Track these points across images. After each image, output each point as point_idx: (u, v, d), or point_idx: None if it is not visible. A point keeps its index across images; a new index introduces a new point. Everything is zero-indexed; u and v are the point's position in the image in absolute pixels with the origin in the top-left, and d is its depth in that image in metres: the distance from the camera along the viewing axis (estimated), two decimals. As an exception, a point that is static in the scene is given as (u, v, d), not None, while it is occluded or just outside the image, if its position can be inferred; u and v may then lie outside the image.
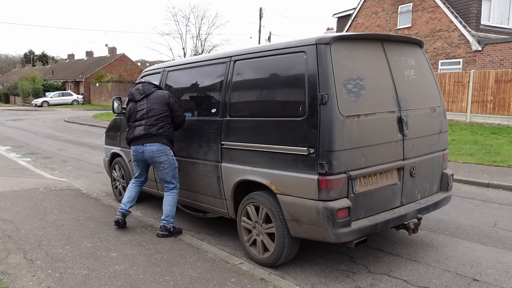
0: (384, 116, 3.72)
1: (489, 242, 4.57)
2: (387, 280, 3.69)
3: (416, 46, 4.32)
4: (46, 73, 55.27)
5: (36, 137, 15.42)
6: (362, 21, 22.53)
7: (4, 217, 5.29)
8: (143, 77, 5.81)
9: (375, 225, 3.58)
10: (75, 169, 9.15)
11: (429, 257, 4.17)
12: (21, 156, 11.06)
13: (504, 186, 6.91)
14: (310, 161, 3.41)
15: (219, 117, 4.27)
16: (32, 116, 27.44)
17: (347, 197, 3.44)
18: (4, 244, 4.34)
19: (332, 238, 3.40)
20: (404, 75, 4.01)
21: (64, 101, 42.78)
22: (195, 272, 3.72)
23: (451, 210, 5.69)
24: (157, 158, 4.56)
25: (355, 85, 3.55)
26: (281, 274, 3.83)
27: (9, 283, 3.48)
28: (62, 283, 3.50)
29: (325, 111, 3.32)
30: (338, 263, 4.06)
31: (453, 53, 17.81)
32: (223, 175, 4.24)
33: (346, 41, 3.62)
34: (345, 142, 3.38)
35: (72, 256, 4.06)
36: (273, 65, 3.84)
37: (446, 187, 4.43)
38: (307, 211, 3.46)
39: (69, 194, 6.56)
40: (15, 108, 40.01)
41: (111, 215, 5.40)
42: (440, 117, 4.36)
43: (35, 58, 72.05)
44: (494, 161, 8.70)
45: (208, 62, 4.67)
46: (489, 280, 3.68)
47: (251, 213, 4.02)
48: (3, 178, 7.80)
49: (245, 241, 4.17)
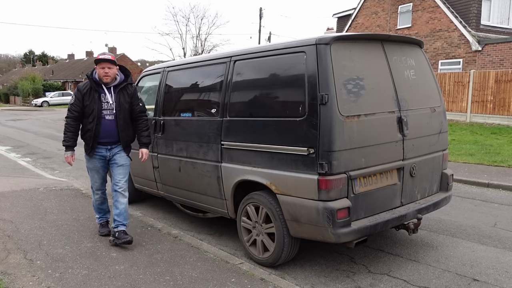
0: (384, 116, 3.72)
1: (489, 242, 4.57)
2: (387, 280, 3.69)
3: (416, 46, 4.32)
4: (46, 73, 55.30)
5: (36, 137, 15.42)
6: (362, 21, 22.52)
7: (4, 217, 5.29)
8: (143, 77, 5.81)
9: (375, 225, 3.58)
10: (75, 169, 9.13)
11: (429, 257, 4.17)
12: (21, 156, 11.06)
13: (504, 186, 6.91)
14: (310, 161, 3.41)
15: (219, 117, 4.27)
16: (32, 116, 27.44)
17: (347, 197, 3.44)
18: (4, 244, 4.34)
19: (332, 238, 3.40)
20: (404, 75, 4.01)
21: (64, 101, 42.72)
22: (195, 272, 3.72)
23: (451, 210, 5.69)
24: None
25: (355, 85, 3.55)
26: (281, 274, 3.83)
27: (9, 283, 3.48)
28: (62, 283, 3.50)
29: (325, 111, 3.32)
30: (338, 263, 4.06)
31: (453, 53, 17.81)
32: (223, 175, 4.24)
33: (346, 41, 3.63)
34: (345, 142, 3.38)
35: (72, 256, 4.06)
36: (273, 65, 3.84)
37: (446, 187, 4.43)
38: (307, 211, 3.46)
39: (69, 194, 6.56)
40: (15, 108, 40.01)
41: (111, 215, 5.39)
42: (440, 117, 4.36)
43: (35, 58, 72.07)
44: (494, 161, 8.70)
45: (208, 62, 4.67)
46: (489, 280, 3.68)
47: (251, 213, 4.02)
48: (3, 178, 7.80)
49: (245, 241, 4.17)
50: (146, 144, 4.51)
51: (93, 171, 4.48)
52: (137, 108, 4.42)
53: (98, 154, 4.35)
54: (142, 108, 4.49)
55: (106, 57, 4.24)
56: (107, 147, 4.35)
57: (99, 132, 4.24)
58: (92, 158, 4.38)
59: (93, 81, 4.27)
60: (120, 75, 4.39)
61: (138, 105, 4.43)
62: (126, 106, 4.33)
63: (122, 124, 4.32)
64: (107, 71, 4.21)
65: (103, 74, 4.21)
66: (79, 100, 4.27)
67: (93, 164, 4.42)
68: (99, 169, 4.45)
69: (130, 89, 4.41)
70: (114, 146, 4.36)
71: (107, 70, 4.21)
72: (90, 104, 4.22)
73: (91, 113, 4.22)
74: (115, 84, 4.32)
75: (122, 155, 4.41)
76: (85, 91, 4.26)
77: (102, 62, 4.23)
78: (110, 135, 4.30)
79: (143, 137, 4.48)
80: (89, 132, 4.26)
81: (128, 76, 4.45)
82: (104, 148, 4.34)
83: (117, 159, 4.38)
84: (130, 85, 4.43)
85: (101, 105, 4.24)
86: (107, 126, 4.27)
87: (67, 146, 4.33)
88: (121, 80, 4.37)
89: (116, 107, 4.27)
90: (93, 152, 4.32)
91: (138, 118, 4.45)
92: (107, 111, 4.26)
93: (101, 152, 4.35)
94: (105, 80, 4.24)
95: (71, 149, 4.36)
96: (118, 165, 4.38)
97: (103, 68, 4.21)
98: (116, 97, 4.29)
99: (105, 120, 4.26)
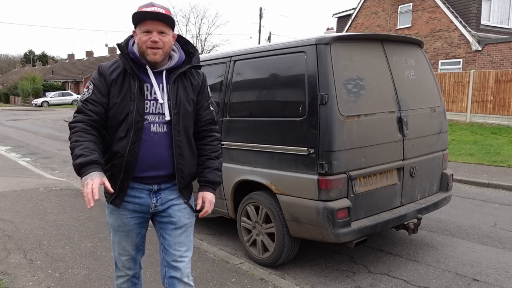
0: (384, 116, 3.72)
1: (489, 242, 4.57)
2: (387, 280, 3.69)
3: (416, 46, 4.32)
4: (46, 73, 55.29)
5: (36, 137, 15.42)
6: (362, 21, 22.52)
7: (4, 217, 5.29)
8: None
9: (375, 225, 3.58)
10: (75, 169, 9.14)
11: (429, 257, 4.17)
12: (21, 156, 11.06)
13: (504, 186, 6.91)
14: (310, 161, 3.41)
15: (219, 117, 4.27)
16: (32, 116, 27.43)
17: (347, 197, 3.45)
18: (4, 244, 4.34)
19: (332, 238, 3.40)
20: (404, 75, 4.01)
21: (64, 101, 42.77)
22: (195, 272, 3.72)
23: (451, 210, 5.69)
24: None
25: (355, 85, 3.56)
26: (281, 274, 3.83)
27: (9, 283, 3.48)
28: (62, 283, 3.50)
29: (325, 111, 3.32)
30: (338, 263, 4.06)
31: (453, 53, 17.81)
32: (223, 175, 4.23)
33: (346, 41, 3.63)
34: (345, 142, 3.38)
35: (72, 256, 4.06)
36: (273, 65, 3.84)
37: (446, 187, 4.43)
38: (307, 211, 3.46)
39: (69, 194, 6.56)
40: (15, 108, 40.01)
41: (111, 215, 5.40)
42: (440, 117, 4.36)
43: (35, 58, 72.07)
44: (494, 161, 8.70)
45: (208, 62, 4.67)
46: (489, 280, 3.68)
47: (251, 213, 4.02)
48: (3, 178, 7.80)
49: (245, 241, 4.17)
50: (214, 184, 2.33)
51: (120, 234, 2.30)
52: (206, 113, 2.33)
53: (132, 202, 2.23)
54: (213, 114, 2.37)
55: (156, 9, 2.08)
56: (152, 187, 2.22)
57: (136, 157, 2.13)
58: (119, 210, 2.24)
59: (130, 59, 2.15)
60: (179, 51, 2.29)
61: (208, 108, 2.35)
62: (189, 107, 2.24)
63: (183, 143, 2.21)
64: (156, 39, 2.08)
65: (149, 44, 2.09)
66: (100, 91, 2.14)
67: (121, 220, 2.26)
68: (132, 230, 2.30)
69: (197, 77, 2.35)
70: (164, 185, 2.24)
71: (158, 36, 2.09)
72: (122, 103, 2.12)
73: (123, 119, 2.12)
74: (169, 67, 2.21)
75: (181, 205, 2.29)
76: (113, 76, 2.15)
77: (149, 20, 2.08)
78: (158, 164, 2.18)
79: (211, 170, 2.32)
80: (118, 158, 2.13)
81: (191, 54, 2.35)
82: (146, 190, 2.22)
83: (172, 213, 2.27)
84: (197, 71, 2.39)
85: (143, 104, 2.14)
86: (153, 147, 2.16)
87: (83, 163, 1.96)
88: (181, 61, 2.26)
89: (171, 109, 2.17)
90: (123, 197, 2.18)
91: (204, 132, 2.34)
92: (154, 117, 2.16)
93: (138, 197, 2.22)
94: (152, 57, 2.12)
95: (94, 167, 1.97)
96: (176, 225, 2.27)
97: (150, 33, 2.08)
98: (171, 91, 2.18)
99: (149, 135, 2.14)
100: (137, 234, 2.33)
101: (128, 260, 2.37)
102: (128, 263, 2.38)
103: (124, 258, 2.36)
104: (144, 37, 2.09)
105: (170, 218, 2.27)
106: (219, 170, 2.35)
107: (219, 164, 2.35)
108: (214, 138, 2.36)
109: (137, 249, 2.38)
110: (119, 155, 2.12)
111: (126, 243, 2.32)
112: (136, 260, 2.41)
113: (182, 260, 2.27)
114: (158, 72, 2.18)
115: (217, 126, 2.40)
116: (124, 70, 2.16)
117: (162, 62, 2.18)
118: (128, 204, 2.22)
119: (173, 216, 2.27)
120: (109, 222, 2.33)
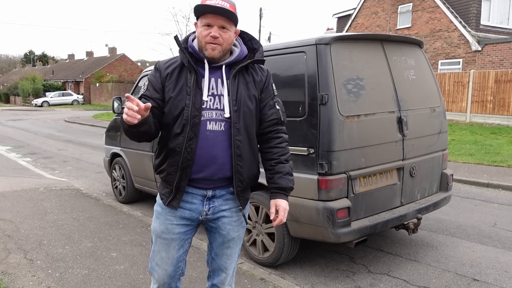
0: (384, 116, 3.73)
1: (489, 242, 4.58)
2: (387, 280, 3.69)
3: (416, 46, 4.32)
4: (46, 73, 55.30)
5: (36, 137, 15.42)
6: (362, 21, 22.53)
7: (4, 217, 5.30)
8: (143, 77, 5.81)
9: (375, 225, 3.59)
10: (75, 169, 9.15)
11: (429, 257, 4.18)
12: (21, 156, 11.06)
13: (504, 186, 6.91)
14: (310, 161, 3.41)
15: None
16: (32, 116, 27.44)
17: (347, 197, 3.45)
18: (4, 244, 4.35)
19: (332, 238, 3.40)
20: (404, 75, 4.01)
21: (64, 101, 42.79)
22: (195, 272, 3.72)
23: (451, 210, 5.69)
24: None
25: (355, 85, 3.56)
26: (281, 274, 3.84)
27: (9, 283, 3.48)
28: (62, 283, 3.51)
29: (325, 111, 3.33)
30: (338, 263, 4.06)
31: (453, 53, 17.82)
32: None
33: (346, 41, 3.63)
34: (345, 142, 3.38)
35: (72, 256, 4.06)
36: (273, 65, 3.84)
37: (446, 187, 4.44)
38: (307, 211, 3.47)
39: (69, 194, 6.56)
40: (15, 108, 40.02)
41: (111, 215, 5.40)
42: (439, 117, 4.36)
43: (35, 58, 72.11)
44: (494, 161, 8.70)
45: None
46: (489, 280, 3.68)
47: (251, 213, 4.03)
48: (3, 178, 7.80)
49: (245, 241, 4.18)
50: (286, 190, 2.17)
51: (161, 242, 2.15)
52: (271, 112, 2.16)
53: (183, 207, 2.11)
54: (279, 113, 2.19)
55: (220, 3, 1.96)
56: (206, 193, 2.09)
57: (194, 155, 2.00)
58: (165, 214, 2.13)
59: (188, 53, 2.06)
60: (241, 45, 2.15)
61: (274, 107, 2.17)
62: (251, 105, 2.08)
63: (242, 143, 2.05)
64: (216, 34, 1.98)
65: (208, 39, 1.99)
66: (154, 87, 2.08)
67: (165, 226, 2.13)
68: (175, 240, 2.14)
69: (260, 73, 2.17)
70: (219, 191, 2.11)
71: (219, 32, 1.99)
72: (178, 97, 2.02)
73: (178, 114, 2.01)
74: (229, 61, 2.08)
75: (232, 218, 2.17)
76: (169, 70, 2.08)
77: (210, 14, 1.98)
78: (214, 165, 2.03)
79: (282, 175, 2.15)
80: (175, 156, 2.02)
81: (255, 49, 2.16)
82: (200, 196, 2.09)
83: (221, 226, 2.17)
84: (260, 67, 2.19)
85: (200, 98, 2.01)
86: (209, 146, 2.02)
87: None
88: (242, 55, 2.11)
89: (231, 106, 2.03)
90: (180, 198, 2.08)
91: (270, 134, 2.18)
92: (211, 113, 2.02)
93: (191, 202, 2.10)
94: (210, 53, 2.00)
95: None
96: (224, 238, 2.19)
97: (210, 27, 1.99)
98: (232, 86, 2.04)
99: (206, 133, 2.01)
100: (178, 247, 2.15)
101: (167, 272, 2.17)
102: (166, 275, 2.18)
103: (161, 268, 2.16)
104: (204, 31, 2.00)
105: (219, 230, 2.17)
106: (291, 174, 2.17)
107: (290, 168, 2.18)
108: (282, 139, 2.19)
109: (176, 267, 2.17)
110: (175, 152, 2.01)
111: (166, 253, 2.14)
112: (176, 272, 2.19)
113: (227, 272, 2.25)
114: (217, 67, 2.06)
115: (284, 127, 2.22)
116: (181, 64, 2.08)
117: (221, 58, 2.06)
118: (178, 209, 2.11)
119: (222, 229, 2.16)
120: (152, 227, 2.20)
